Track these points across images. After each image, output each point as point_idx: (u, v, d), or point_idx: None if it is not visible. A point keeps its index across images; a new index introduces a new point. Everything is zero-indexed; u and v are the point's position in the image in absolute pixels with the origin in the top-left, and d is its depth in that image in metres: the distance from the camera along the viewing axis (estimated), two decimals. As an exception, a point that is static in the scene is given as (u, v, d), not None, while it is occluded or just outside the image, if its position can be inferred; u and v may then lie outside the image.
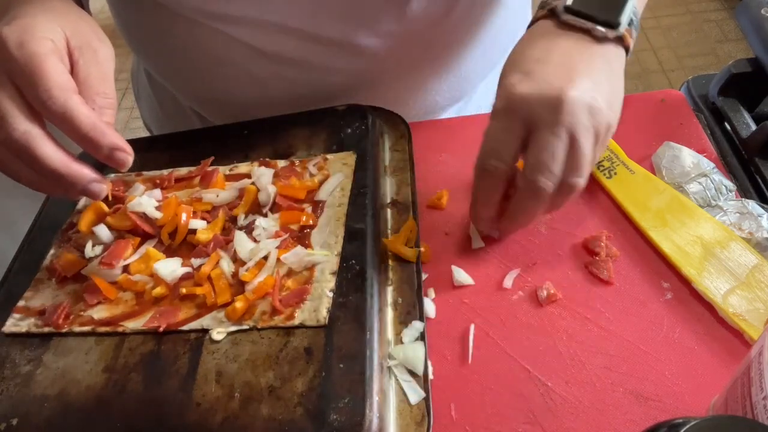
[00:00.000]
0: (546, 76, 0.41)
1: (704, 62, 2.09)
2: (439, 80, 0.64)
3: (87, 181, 0.42)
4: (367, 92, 0.61)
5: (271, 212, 0.49)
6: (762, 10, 0.55)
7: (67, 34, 0.42)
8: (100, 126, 0.40)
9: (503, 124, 0.42)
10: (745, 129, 0.54)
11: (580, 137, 0.40)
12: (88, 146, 0.41)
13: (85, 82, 0.41)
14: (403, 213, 0.50)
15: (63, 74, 0.39)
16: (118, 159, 0.42)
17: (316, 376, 0.39)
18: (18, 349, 0.45)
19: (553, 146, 0.40)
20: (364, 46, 0.57)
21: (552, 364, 0.42)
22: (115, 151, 0.41)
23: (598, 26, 0.42)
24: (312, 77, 0.60)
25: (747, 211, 0.47)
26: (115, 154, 0.42)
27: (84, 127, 0.39)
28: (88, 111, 0.40)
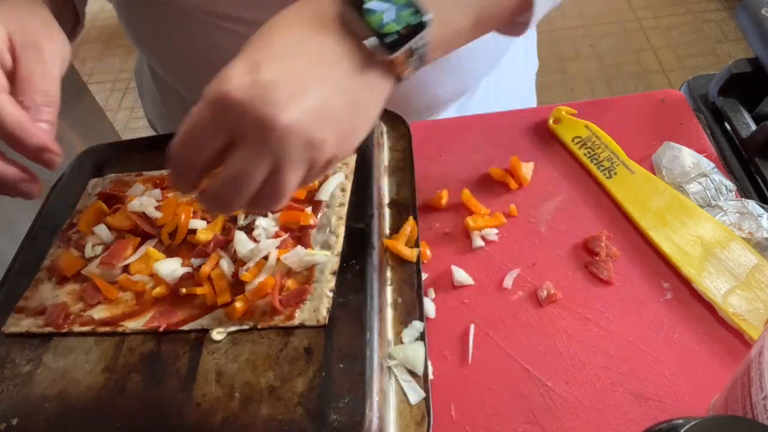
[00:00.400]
0: (275, 84, 0.33)
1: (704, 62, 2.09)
2: (441, 74, 0.64)
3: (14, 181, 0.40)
4: None
5: (271, 212, 0.49)
6: (762, 10, 0.55)
7: (10, 30, 0.41)
8: (27, 126, 0.39)
9: (208, 119, 0.34)
10: (745, 129, 0.54)
11: (284, 169, 0.34)
12: (14, 145, 0.39)
13: (26, 79, 0.40)
14: (403, 213, 0.50)
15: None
16: (45, 159, 0.40)
17: (316, 376, 0.39)
18: (18, 349, 0.45)
19: (252, 170, 0.34)
20: None
21: (552, 364, 0.42)
22: (42, 151, 0.40)
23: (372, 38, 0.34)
24: None
25: (747, 211, 0.47)
26: (41, 155, 0.40)
27: (8, 126, 0.38)
28: (16, 110, 0.38)
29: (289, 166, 0.34)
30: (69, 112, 1.38)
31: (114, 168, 0.57)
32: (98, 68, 2.55)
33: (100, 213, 0.52)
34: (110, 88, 2.44)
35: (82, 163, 0.59)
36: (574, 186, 0.53)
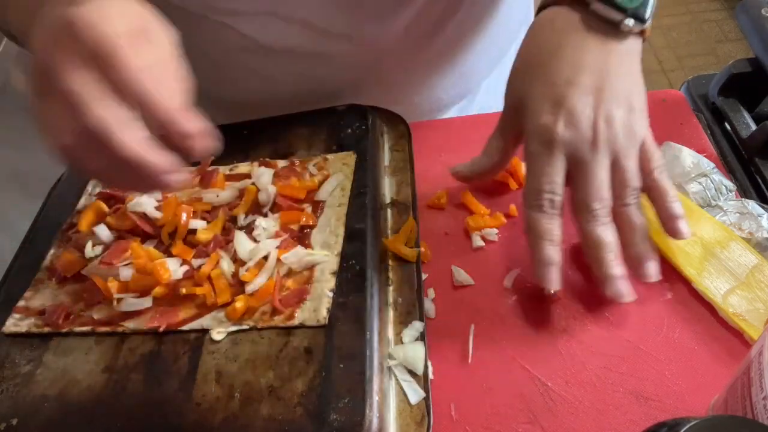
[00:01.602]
0: (582, 108, 0.41)
1: (704, 62, 2.09)
2: (444, 77, 0.64)
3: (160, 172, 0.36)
4: (373, 88, 0.61)
5: (271, 212, 0.49)
6: (762, 10, 0.55)
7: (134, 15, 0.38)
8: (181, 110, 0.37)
9: (547, 161, 0.42)
10: (745, 129, 0.54)
11: (620, 158, 0.42)
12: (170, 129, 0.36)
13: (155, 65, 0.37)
14: (403, 213, 0.50)
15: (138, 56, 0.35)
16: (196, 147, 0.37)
17: (316, 376, 0.39)
18: (18, 349, 0.45)
19: (599, 175, 0.42)
20: (372, 40, 0.57)
21: (552, 364, 0.42)
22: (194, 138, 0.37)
23: (627, 19, 0.42)
24: (319, 72, 0.59)
25: (747, 211, 0.47)
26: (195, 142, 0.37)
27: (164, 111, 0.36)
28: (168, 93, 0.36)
29: (623, 153, 0.42)
30: (69, 112, 1.38)
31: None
32: (98, 68, 2.54)
33: (100, 213, 0.52)
34: (110, 88, 2.44)
35: (82, 163, 0.59)
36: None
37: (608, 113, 0.41)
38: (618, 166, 0.42)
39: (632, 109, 0.42)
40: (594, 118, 0.41)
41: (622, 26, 0.42)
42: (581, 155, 0.42)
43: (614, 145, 0.42)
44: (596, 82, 0.42)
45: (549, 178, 0.42)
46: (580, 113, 0.41)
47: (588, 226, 0.42)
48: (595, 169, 0.42)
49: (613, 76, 0.42)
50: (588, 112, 0.41)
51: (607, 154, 0.42)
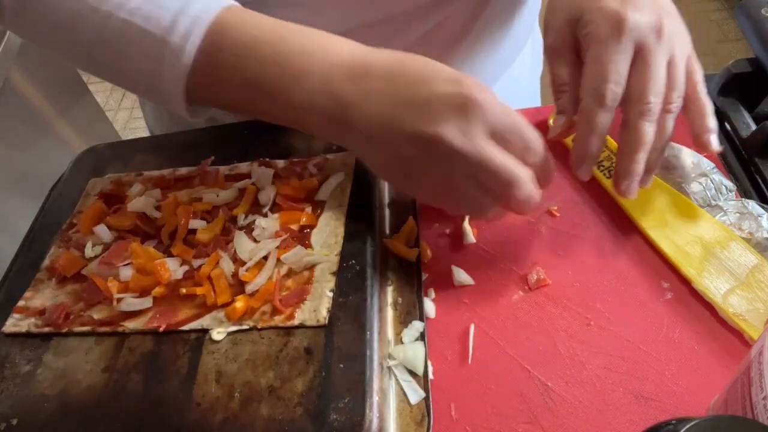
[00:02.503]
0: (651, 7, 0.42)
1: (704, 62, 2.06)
2: None
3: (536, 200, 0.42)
4: None
5: (271, 212, 0.49)
6: (762, 10, 0.55)
7: None
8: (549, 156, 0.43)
9: (615, 47, 0.42)
10: (745, 129, 0.54)
11: (676, 60, 0.43)
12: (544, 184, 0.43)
13: None
14: (403, 213, 0.50)
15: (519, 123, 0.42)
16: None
17: (316, 376, 0.39)
18: (18, 349, 0.45)
19: (660, 67, 0.42)
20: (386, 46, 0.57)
21: (552, 364, 0.42)
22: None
23: None
24: None
25: (747, 211, 0.47)
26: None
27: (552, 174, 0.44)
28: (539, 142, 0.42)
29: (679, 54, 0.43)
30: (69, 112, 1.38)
31: (114, 168, 0.57)
32: (98, 68, 2.54)
33: (100, 213, 0.52)
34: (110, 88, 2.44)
35: (82, 163, 0.60)
36: (574, 186, 0.53)
37: (669, 12, 0.43)
38: (672, 66, 0.42)
39: (679, 22, 0.44)
40: (658, 12, 0.42)
41: None
42: (648, 43, 0.42)
43: (673, 42, 0.42)
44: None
45: (616, 66, 0.42)
46: (643, 4, 0.42)
47: (638, 119, 0.42)
48: (659, 60, 0.42)
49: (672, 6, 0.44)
50: (649, 4, 0.42)
51: (668, 49, 0.42)
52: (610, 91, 0.42)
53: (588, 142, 0.43)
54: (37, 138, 1.20)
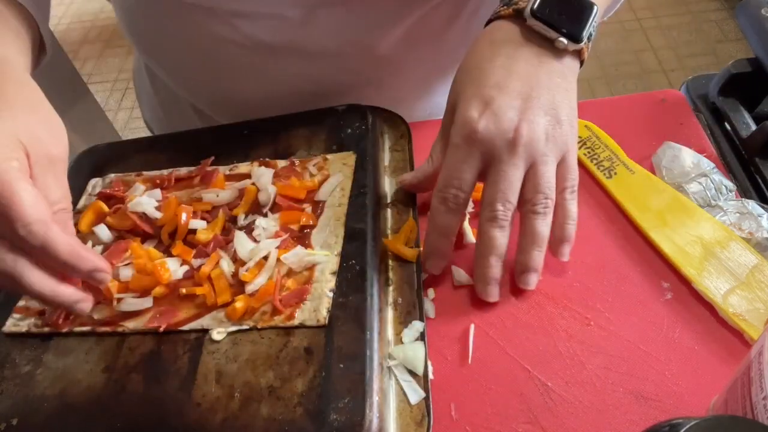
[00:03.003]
0: (506, 109, 0.42)
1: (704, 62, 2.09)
2: (443, 83, 0.64)
3: (71, 302, 0.42)
4: (374, 92, 0.61)
5: (271, 212, 0.49)
6: (762, 10, 0.55)
7: (25, 144, 0.39)
8: (78, 251, 0.40)
9: (463, 156, 0.43)
10: (745, 129, 0.54)
11: (538, 164, 0.42)
12: (68, 271, 0.41)
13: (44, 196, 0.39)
14: (403, 213, 0.50)
15: (37, 204, 0.38)
16: (98, 279, 0.42)
17: (316, 376, 0.39)
18: (18, 349, 0.45)
19: (510, 176, 0.42)
20: (371, 46, 0.57)
21: (552, 364, 0.42)
22: (94, 272, 0.42)
23: (561, 38, 0.43)
24: (320, 75, 0.60)
25: (747, 211, 0.47)
26: (94, 275, 0.42)
27: (63, 256, 0.39)
28: (66, 239, 0.39)
29: (541, 159, 0.42)
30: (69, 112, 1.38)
31: (114, 168, 0.57)
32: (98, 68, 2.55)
33: (100, 213, 0.52)
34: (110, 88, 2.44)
35: (82, 163, 0.60)
36: (574, 186, 0.53)
37: (532, 120, 0.42)
38: (534, 172, 0.42)
39: (559, 122, 0.43)
40: (517, 122, 0.42)
41: (557, 43, 0.44)
42: (497, 154, 0.42)
43: (533, 150, 0.42)
44: (525, 89, 0.43)
45: (459, 173, 0.43)
46: (504, 113, 0.42)
47: (485, 224, 0.43)
48: (508, 170, 0.42)
49: (544, 88, 0.43)
50: (511, 115, 0.42)
51: (525, 158, 0.42)
52: (451, 196, 0.43)
53: (431, 240, 0.45)
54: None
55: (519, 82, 0.43)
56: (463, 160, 0.43)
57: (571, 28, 0.43)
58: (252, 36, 0.56)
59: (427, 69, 0.62)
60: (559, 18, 0.43)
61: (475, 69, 0.45)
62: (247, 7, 0.54)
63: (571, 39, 0.43)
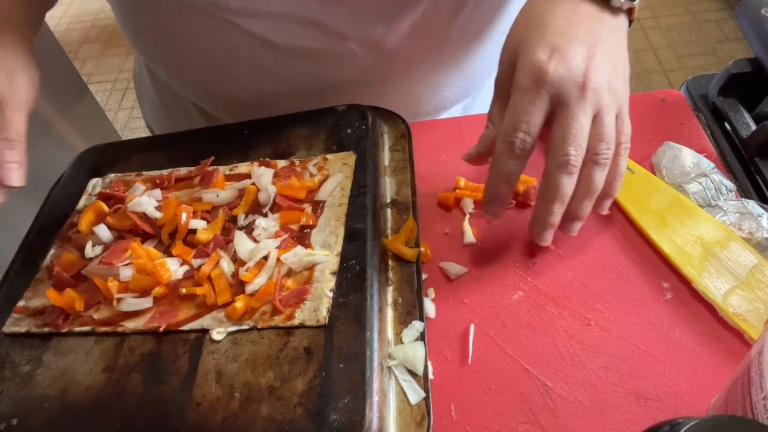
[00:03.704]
0: (573, 54, 0.42)
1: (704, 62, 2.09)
2: (449, 76, 0.64)
3: None
4: (378, 87, 0.62)
5: (271, 212, 0.49)
6: (762, 10, 0.55)
7: None
8: None
9: (532, 98, 0.42)
10: (745, 129, 0.54)
11: (603, 113, 0.42)
12: None
13: None
14: (403, 213, 0.50)
15: None
16: None
17: (316, 376, 0.39)
18: (18, 349, 0.45)
19: (581, 120, 0.41)
20: (378, 41, 0.57)
21: (552, 364, 0.42)
22: None
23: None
24: (325, 71, 0.60)
25: (747, 211, 0.47)
26: None
27: None
28: None
29: (606, 108, 0.42)
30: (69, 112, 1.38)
31: (114, 168, 0.57)
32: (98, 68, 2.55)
33: (100, 213, 0.52)
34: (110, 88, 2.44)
35: (82, 163, 0.60)
36: (574, 186, 0.53)
37: (598, 66, 0.42)
38: (599, 120, 0.42)
39: (618, 74, 0.43)
40: (585, 66, 0.42)
41: (613, 2, 0.44)
42: (567, 97, 0.41)
43: (600, 98, 0.42)
44: (589, 39, 0.43)
45: (528, 116, 0.42)
46: (572, 58, 0.42)
47: (555, 170, 0.42)
48: (579, 114, 0.41)
49: (603, 41, 0.43)
50: (580, 60, 0.42)
51: (593, 104, 0.42)
52: (519, 140, 0.42)
53: (494, 185, 0.44)
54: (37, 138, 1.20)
55: (583, 33, 0.43)
56: (532, 102, 0.42)
57: None
58: (259, 35, 0.56)
59: (434, 62, 0.62)
60: None
61: (536, 17, 0.45)
62: (255, 6, 0.54)
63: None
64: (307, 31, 0.56)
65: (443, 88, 0.65)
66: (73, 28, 2.74)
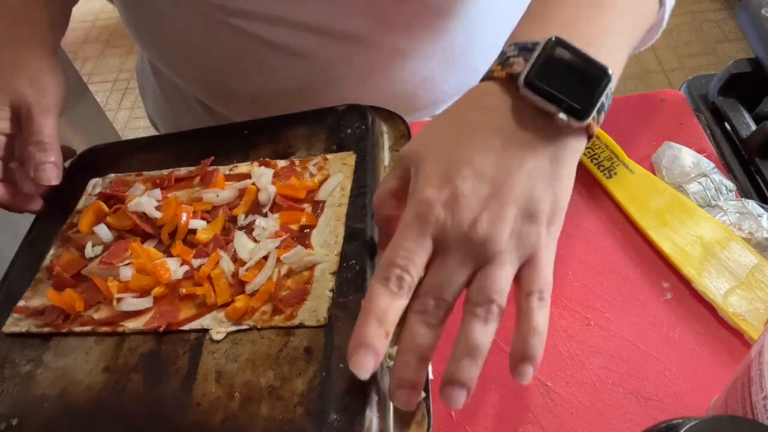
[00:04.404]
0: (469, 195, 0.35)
1: (704, 62, 2.09)
2: (446, 71, 0.64)
3: None
4: (378, 84, 0.62)
5: (271, 212, 0.49)
6: (762, 10, 0.55)
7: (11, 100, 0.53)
8: None
9: (414, 236, 0.35)
10: (745, 129, 0.54)
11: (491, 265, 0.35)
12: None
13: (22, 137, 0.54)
14: (403, 213, 0.50)
15: None
16: None
17: (316, 376, 0.39)
18: (18, 349, 0.45)
19: (452, 272, 0.35)
20: (376, 38, 0.57)
21: (552, 364, 0.42)
22: None
23: (561, 113, 0.35)
24: (323, 69, 0.60)
25: (747, 211, 0.47)
26: None
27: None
28: None
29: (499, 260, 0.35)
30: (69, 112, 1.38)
31: (114, 168, 0.57)
32: (98, 68, 2.55)
33: (100, 213, 0.52)
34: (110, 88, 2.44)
35: (82, 163, 0.60)
36: (574, 186, 0.53)
37: (497, 212, 0.35)
38: (483, 272, 0.35)
39: (533, 218, 0.35)
40: (478, 212, 0.35)
41: (557, 120, 0.35)
42: (446, 243, 0.35)
43: (489, 248, 0.34)
44: (500, 174, 0.35)
45: (407, 253, 0.35)
46: (465, 200, 0.35)
47: (411, 316, 0.35)
48: (451, 266, 0.35)
49: (524, 176, 0.35)
50: (474, 204, 0.35)
51: (475, 255, 0.35)
52: (394, 276, 0.35)
53: (362, 324, 0.35)
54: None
55: (494, 163, 0.35)
56: (413, 239, 0.35)
57: (576, 100, 0.35)
58: (253, 35, 0.56)
59: (429, 60, 0.62)
60: (561, 89, 0.35)
61: (450, 132, 0.38)
62: (247, 7, 0.54)
63: (574, 115, 0.35)
64: (300, 31, 0.56)
65: (441, 81, 0.65)
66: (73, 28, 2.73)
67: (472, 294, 0.35)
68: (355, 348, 0.35)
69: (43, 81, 0.53)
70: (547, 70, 0.35)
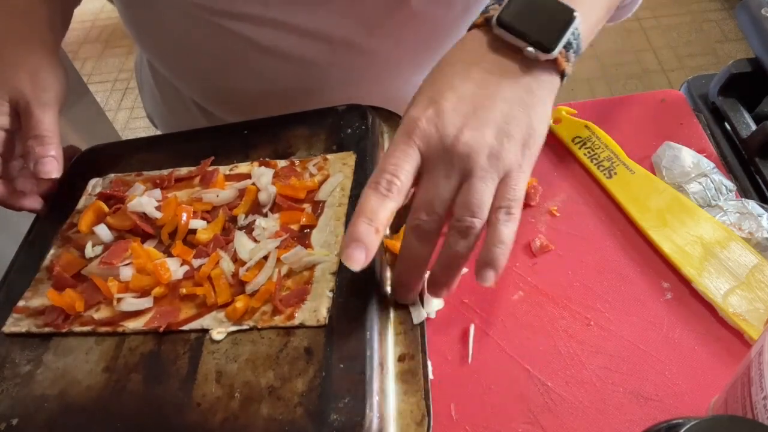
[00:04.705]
0: (451, 112, 0.39)
1: (704, 62, 2.09)
2: None
3: None
4: (369, 87, 0.62)
5: (271, 212, 0.49)
6: (762, 10, 0.55)
7: (10, 97, 0.53)
8: None
9: (402, 148, 0.39)
10: (745, 129, 0.54)
11: (473, 180, 0.38)
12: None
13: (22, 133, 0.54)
14: (403, 213, 0.50)
15: None
16: None
17: (316, 376, 0.39)
18: (18, 349, 0.45)
19: (440, 186, 0.38)
20: (365, 44, 0.57)
21: (552, 364, 0.42)
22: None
23: (529, 47, 0.39)
24: (314, 73, 0.60)
25: (747, 211, 0.47)
26: None
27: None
28: None
29: (479, 174, 0.38)
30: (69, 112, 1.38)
31: (114, 168, 0.57)
32: (98, 68, 2.55)
33: (100, 213, 0.52)
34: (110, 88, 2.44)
35: (82, 163, 0.60)
36: (574, 186, 0.53)
37: (477, 129, 0.38)
38: (466, 186, 0.38)
39: (509, 138, 0.38)
40: (460, 127, 0.38)
41: (525, 53, 0.40)
42: (433, 158, 0.39)
43: (470, 162, 0.38)
44: (478, 98, 0.39)
45: (395, 161, 0.38)
46: (448, 116, 0.38)
47: (408, 231, 0.40)
48: (439, 179, 0.38)
49: (500, 100, 0.39)
50: (456, 120, 0.38)
51: (460, 169, 0.38)
52: (384, 180, 0.38)
53: (354, 223, 0.38)
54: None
55: (473, 88, 0.39)
56: (400, 150, 0.39)
57: (542, 36, 0.39)
58: (244, 37, 0.56)
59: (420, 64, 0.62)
60: (529, 26, 0.39)
61: (435, 71, 0.42)
62: (236, 8, 0.54)
63: (541, 48, 0.39)
64: (288, 34, 0.56)
65: None
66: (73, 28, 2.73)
67: (457, 209, 0.38)
68: (348, 243, 0.38)
69: (42, 77, 0.54)
70: (518, 11, 0.40)
